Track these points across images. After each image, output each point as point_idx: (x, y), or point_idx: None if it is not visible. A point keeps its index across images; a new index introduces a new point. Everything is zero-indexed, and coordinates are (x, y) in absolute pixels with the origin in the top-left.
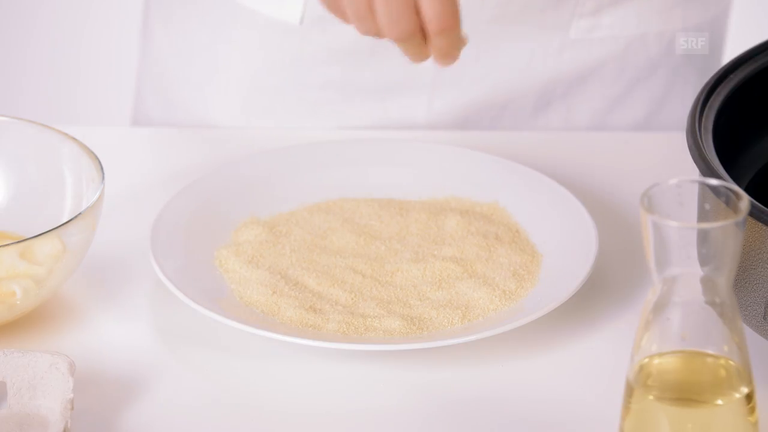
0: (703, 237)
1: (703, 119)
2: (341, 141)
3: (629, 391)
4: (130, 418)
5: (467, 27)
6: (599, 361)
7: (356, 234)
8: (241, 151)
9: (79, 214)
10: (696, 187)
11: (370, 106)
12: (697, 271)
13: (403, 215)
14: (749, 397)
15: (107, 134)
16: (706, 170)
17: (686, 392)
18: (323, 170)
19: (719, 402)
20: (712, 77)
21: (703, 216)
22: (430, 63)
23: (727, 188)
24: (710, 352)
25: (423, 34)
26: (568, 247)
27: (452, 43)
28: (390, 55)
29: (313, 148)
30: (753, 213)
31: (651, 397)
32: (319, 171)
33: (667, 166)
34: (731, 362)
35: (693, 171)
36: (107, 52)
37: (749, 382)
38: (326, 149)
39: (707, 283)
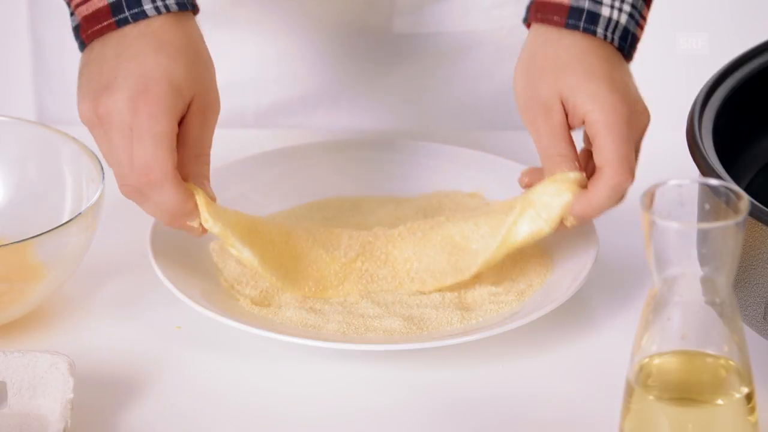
0: (703, 237)
1: (703, 119)
2: (340, 141)
3: (629, 391)
4: (130, 418)
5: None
6: (599, 361)
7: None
8: (241, 152)
9: (79, 214)
10: (696, 187)
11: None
12: (697, 271)
13: (404, 215)
14: (749, 397)
15: None
16: (706, 170)
17: (686, 392)
18: (322, 169)
19: (719, 402)
20: (712, 77)
21: (703, 216)
22: None
23: (727, 188)
24: (710, 352)
25: None
26: (568, 247)
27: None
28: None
29: (311, 148)
30: (753, 213)
31: (651, 397)
32: (317, 170)
33: (667, 166)
34: (731, 362)
35: (693, 171)
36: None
37: (749, 382)
38: (325, 149)
39: (707, 283)
